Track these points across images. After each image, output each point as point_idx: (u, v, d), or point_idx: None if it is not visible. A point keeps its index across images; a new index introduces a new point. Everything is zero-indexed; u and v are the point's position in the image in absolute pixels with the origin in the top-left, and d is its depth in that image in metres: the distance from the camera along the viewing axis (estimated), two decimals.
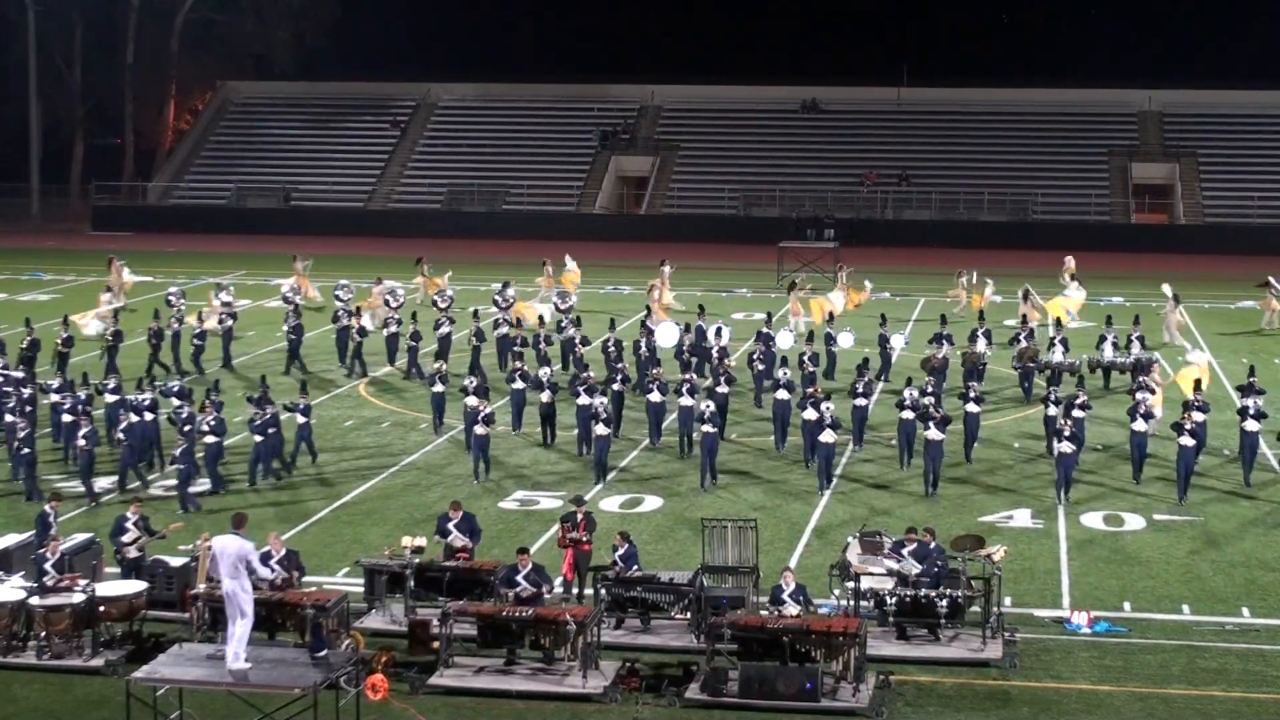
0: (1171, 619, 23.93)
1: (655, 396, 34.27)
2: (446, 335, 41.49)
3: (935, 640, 22.42)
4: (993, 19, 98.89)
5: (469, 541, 24.11)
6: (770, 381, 36.06)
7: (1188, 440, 30.24)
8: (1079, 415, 32.12)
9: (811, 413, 31.82)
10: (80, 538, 24.42)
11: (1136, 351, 39.76)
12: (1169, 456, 31.62)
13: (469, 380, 34.67)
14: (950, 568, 22.96)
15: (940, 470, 30.70)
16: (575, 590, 24.32)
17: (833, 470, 31.53)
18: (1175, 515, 29.38)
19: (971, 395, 33.26)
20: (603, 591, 22.93)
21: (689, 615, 22.63)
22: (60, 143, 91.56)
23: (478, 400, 32.52)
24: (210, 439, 30.39)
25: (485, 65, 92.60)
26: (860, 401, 34.04)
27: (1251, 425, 31.68)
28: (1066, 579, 25.70)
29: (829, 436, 30.99)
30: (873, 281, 53.14)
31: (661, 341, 40.08)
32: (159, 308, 44.45)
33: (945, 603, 22.26)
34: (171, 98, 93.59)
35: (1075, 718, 20.30)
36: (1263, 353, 45.67)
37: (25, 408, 32.10)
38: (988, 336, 40.44)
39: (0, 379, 34.48)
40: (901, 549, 23.12)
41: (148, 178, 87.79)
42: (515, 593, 22.18)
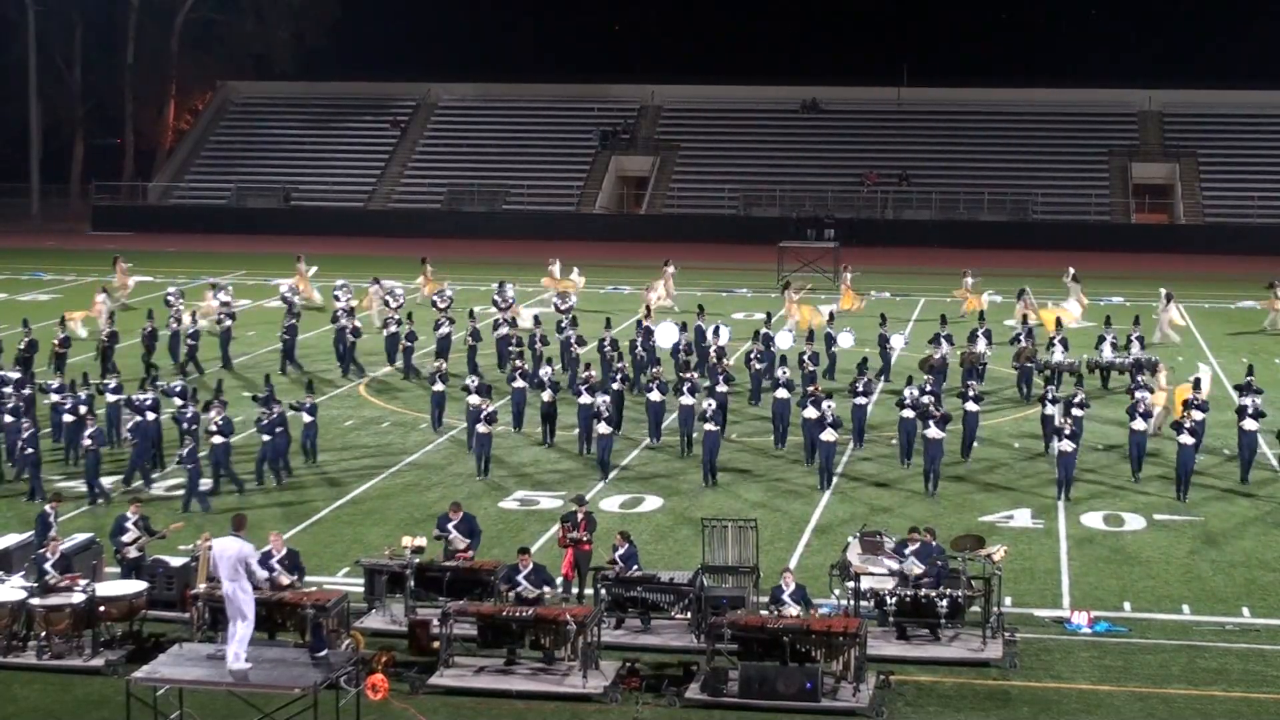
0: (1171, 619, 23.92)
1: (655, 396, 34.29)
2: (446, 335, 41.50)
3: (935, 640, 22.42)
4: (993, 19, 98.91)
5: (470, 542, 24.10)
6: (770, 381, 36.08)
7: (1187, 439, 30.28)
8: (1078, 414, 32.17)
9: (812, 411, 31.83)
10: (80, 538, 24.42)
11: (1136, 351, 39.79)
12: (1169, 456, 31.65)
13: (471, 379, 34.70)
14: (950, 567, 22.97)
15: (940, 469, 30.72)
16: (575, 590, 24.32)
17: (833, 469, 31.56)
18: (1175, 515, 29.39)
19: (971, 394, 33.28)
20: (603, 591, 22.93)
21: (689, 615, 22.61)
22: (60, 143, 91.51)
23: (480, 399, 32.53)
24: (218, 439, 30.38)
25: (485, 65, 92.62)
26: (860, 401, 34.07)
27: (1250, 424, 31.72)
28: (1066, 579, 25.70)
29: (830, 435, 31.00)
30: (872, 283, 53.07)
31: (661, 341, 40.13)
32: (153, 308, 44.45)
33: (945, 603, 22.26)
34: (171, 98, 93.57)
35: (1075, 718, 20.29)
36: (1263, 353, 45.63)
37: (25, 408, 32.07)
38: (988, 336, 40.46)
39: None
40: (904, 549, 23.12)
41: (148, 178, 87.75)
42: (517, 592, 22.18)
